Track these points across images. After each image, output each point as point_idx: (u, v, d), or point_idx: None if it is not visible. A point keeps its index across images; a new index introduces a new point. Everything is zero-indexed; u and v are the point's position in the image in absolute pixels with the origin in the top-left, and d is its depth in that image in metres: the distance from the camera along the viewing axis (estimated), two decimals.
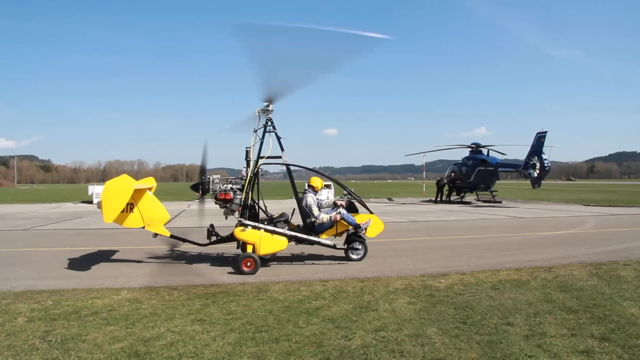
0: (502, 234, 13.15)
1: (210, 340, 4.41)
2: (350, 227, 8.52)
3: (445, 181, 30.41)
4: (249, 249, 7.87)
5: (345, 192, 9.12)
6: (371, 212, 8.93)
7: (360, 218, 8.69)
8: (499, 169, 27.47)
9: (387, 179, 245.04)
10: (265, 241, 7.89)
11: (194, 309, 5.45)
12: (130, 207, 7.76)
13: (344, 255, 8.69)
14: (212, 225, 8.59)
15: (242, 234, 7.93)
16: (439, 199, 30.17)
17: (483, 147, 29.28)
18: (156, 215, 8.01)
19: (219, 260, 8.81)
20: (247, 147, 8.51)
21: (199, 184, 8.50)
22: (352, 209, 8.88)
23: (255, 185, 8.58)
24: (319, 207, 8.57)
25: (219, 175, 8.63)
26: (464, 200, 29.78)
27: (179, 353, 4.10)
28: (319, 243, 8.46)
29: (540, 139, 24.58)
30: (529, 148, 25.11)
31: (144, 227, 7.98)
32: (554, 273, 7.34)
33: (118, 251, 9.82)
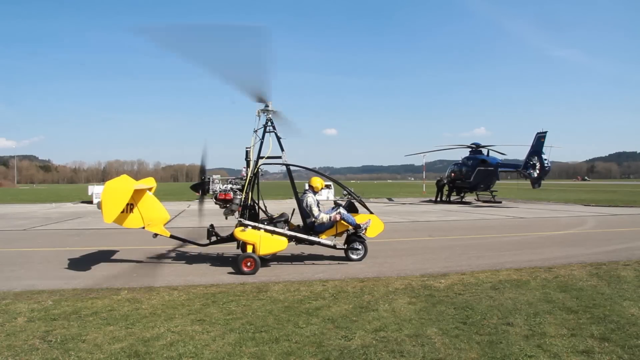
0: (502, 234, 13.15)
1: (210, 340, 4.41)
2: (350, 227, 8.52)
3: (445, 181, 30.40)
4: (249, 249, 7.87)
5: (345, 192, 9.11)
6: (371, 212, 8.93)
7: (360, 218, 8.69)
8: (499, 169, 27.45)
9: (387, 179, 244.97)
10: (265, 241, 7.88)
11: (194, 309, 5.45)
12: (130, 207, 7.75)
13: (344, 255, 8.69)
14: (212, 225, 8.59)
15: (242, 234, 7.93)
16: (439, 199, 30.15)
17: (483, 147, 29.25)
18: (156, 215, 8.01)
19: (219, 260, 8.81)
20: (247, 147, 8.52)
21: (199, 184, 8.50)
22: (352, 209, 8.88)
23: (255, 186, 8.58)
24: (319, 207, 8.57)
25: (219, 175, 8.63)
26: (464, 200, 29.76)
27: (179, 353, 4.11)
28: (319, 243, 8.46)
29: (540, 139, 24.56)
30: (529, 148, 25.11)
31: (144, 227, 7.98)
32: (554, 273, 7.34)
33: (118, 251, 9.82)
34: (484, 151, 29.14)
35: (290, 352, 4.12)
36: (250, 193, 8.39)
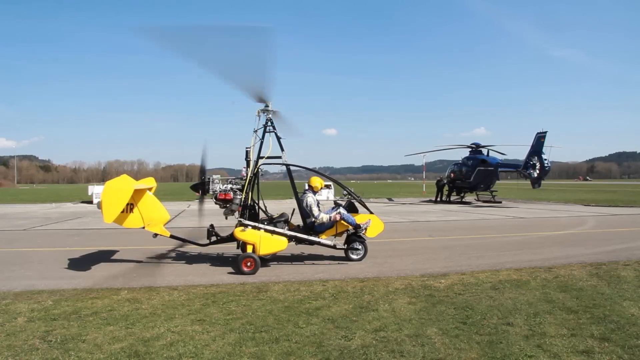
0: (502, 234, 13.15)
1: (210, 340, 4.41)
2: (350, 227, 8.52)
3: (445, 181, 30.41)
4: (249, 249, 7.87)
5: (345, 192, 9.11)
6: (371, 212, 8.93)
7: (360, 218, 8.69)
8: (499, 169, 27.46)
9: (387, 179, 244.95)
10: (265, 241, 7.88)
11: (194, 309, 5.45)
12: (130, 207, 7.75)
13: (344, 255, 8.69)
14: (212, 225, 8.59)
15: (242, 234, 7.93)
16: (439, 199, 30.17)
17: (483, 147, 29.26)
18: (156, 215, 8.01)
19: (219, 260, 8.81)
20: (247, 147, 8.52)
21: (199, 184, 8.50)
22: (352, 209, 8.88)
23: (255, 186, 8.58)
24: (319, 207, 8.58)
25: (219, 175, 8.64)
26: (464, 200, 29.77)
27: (179, 353, 4.11)
28: (319, 243, 8.46)
29: (540, 139, 24.58)
30: (529, 148, 25.12)
31: (144, 227, 7.98)
32: (554, 273, 7.34)
33: (118, 251, 9.82)
34: (484, 151, 29.15)
35: (290, 352, 4.12)
36: (250, 193, 8.39)
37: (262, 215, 8.74)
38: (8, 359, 4.02)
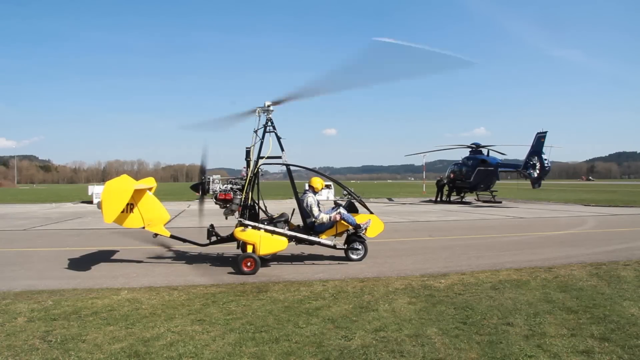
0: (502, 234, 13.15)
1: (210, 340, 4.41)
2: (350, 227, 8.52)
3: (445, 181, 30.42)
4: (249, 249, 7.87)
5: (345, 192, 9.12)
6: (371, 212, 8.94)
7: (360, 218, 8.69)
8: (499, 169, 27.47)
9: (387, 179, 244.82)
10: (265, 241, 7.89)
11: (194, 309, 5.46)
12: (130, 207, 7.76)
13: (344, 255, 8.69)
14: (212, 225, 8.60)
15: (242, 234, 7.93)
16: (439, 199, 30.18)
17: (483, 147, 29.27)
18: (156, 215, 8.01)
19: (219, 260, 8.81)
20: (247, 147, 8.53)
21: (199, 184, 8.51)
22: (352, 209, 8.88)
23: (255, 186, 8.58)
24: (319, 207, 8.58)
25: (219, 175, 8.64)
26: (464, 200, 29.78)
27: (179, 353, 4.11)
28: (319, 243, 8.46)
29: (540, 139, 24.59)
30: (529, 148, 25.14)
31: (144, 227, 7.99)
32: (554, 273, 7.34)
33: (118, 251, 9.82)
34: (484, 151, 29.16)
35: (290, 352, 4.12)
36: (250, 193, 8.39)
37: (262, 215, 8.74)
38: (8, 359, 4.02)
